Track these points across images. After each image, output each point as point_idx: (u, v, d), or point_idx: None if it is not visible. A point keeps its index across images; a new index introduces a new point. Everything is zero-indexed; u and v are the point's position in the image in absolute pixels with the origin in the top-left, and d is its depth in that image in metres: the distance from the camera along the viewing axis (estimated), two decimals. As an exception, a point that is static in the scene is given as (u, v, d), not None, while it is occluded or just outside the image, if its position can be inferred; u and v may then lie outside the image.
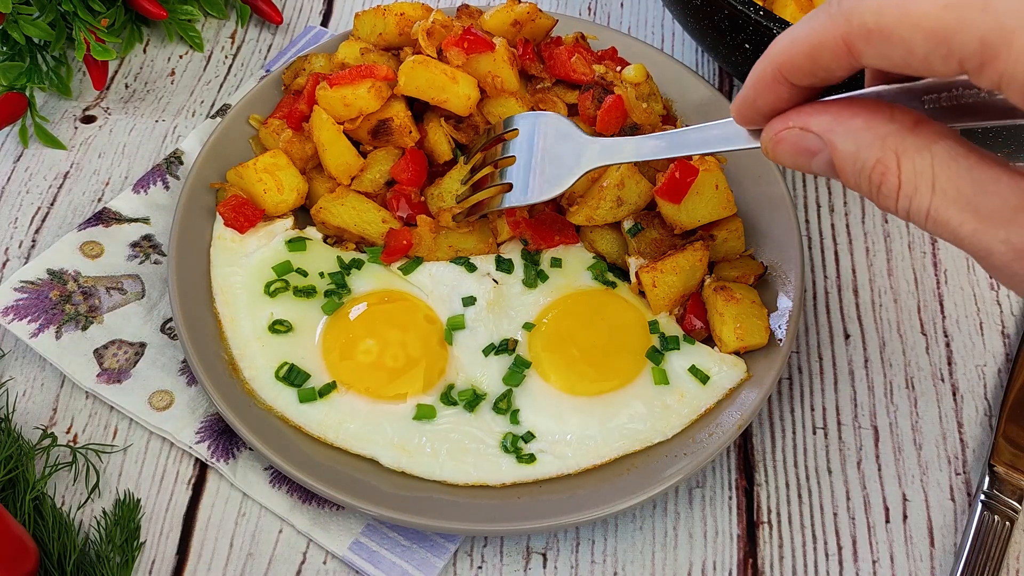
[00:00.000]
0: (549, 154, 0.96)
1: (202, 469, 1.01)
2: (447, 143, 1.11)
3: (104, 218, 1.14)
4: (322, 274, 1.07)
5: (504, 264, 1.08)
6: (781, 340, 1.01)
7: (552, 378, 1.01)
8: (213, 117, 1.27)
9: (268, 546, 0.96)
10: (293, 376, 1.00)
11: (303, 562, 0.95)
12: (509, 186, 1.00)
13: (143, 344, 1.06)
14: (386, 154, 1.12)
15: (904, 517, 0.99)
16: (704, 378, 1.01)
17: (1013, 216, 0.57)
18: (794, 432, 1.05)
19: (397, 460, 0.96)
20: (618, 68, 1.17)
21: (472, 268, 1.08)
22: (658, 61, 1.22)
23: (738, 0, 1.04)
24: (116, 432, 1.02)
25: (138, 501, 0.97)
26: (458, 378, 1.02)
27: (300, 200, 1.11)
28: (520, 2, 1.16)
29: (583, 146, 0.94)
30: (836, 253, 1.18)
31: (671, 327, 1.05)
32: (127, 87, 1.32)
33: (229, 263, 1.07)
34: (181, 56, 1.35)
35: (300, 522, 0.96)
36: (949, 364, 1.10)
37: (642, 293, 1.05)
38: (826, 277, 1.16)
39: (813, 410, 1.06)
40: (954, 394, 1.08)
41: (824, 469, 1.02)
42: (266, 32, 1.39)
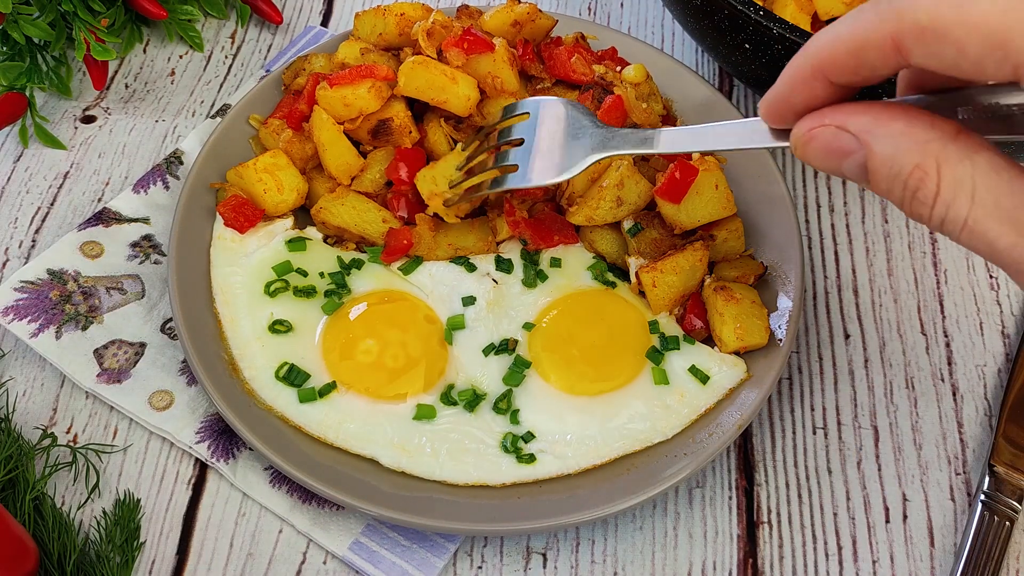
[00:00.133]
0: (558, 140, 0.93)
1: (202, 469, 1.01)
2: (447, 143, 1.11)
3: (104, 218, 1.14)
4: (322, 274, 1.07)
5: (504, 264, 1.08)
6: (781, 340, 1.01)
7: (552, 378, 1.01)
8: (213, 117, 1.27)
9: (268, 546, 0.96)
10: (293, 376, 1.00)
11: (303, 562, 0.95)
12: (513, 167, 0.95)
13: (143, 344, 1.06)
14: (386, 154, 1.12)
15: (904, 517, 0.99)
16: (704, 378, 1.01)
17: None
18: (794, 432, 1.05)
19: (397, 460, 0.96)
20: (618, 68, 1.17)
21: (472, 268, 1.08)
22: (658, 61, 1.22)
23: (738, 0, 1.04)
24: (116, 432, 1.02)
25: (138, 501, 0.97)
26: (458, 378, 1.02)
27: (300, 200, 1.11)
28: (520, 2, 1.16)
29: (595, 134, 0.91)
30: (836, 253, 1.18)
31: (671, 327, 1.05)
32: (127, 87, 1.32)
33: (229, 263, 1.07)
34: (181, 56, 1.35)
35: (300, 522, 0.96)
36: (949, 364, 1.10)
37: (642, 293, 1.05)
38: (826, 277, 1.16)
39: (813, 410, 1.06)
40: (954, 394, 1.08)
41: (824, 469, 1.02)
42: (266, 32, 1.39)
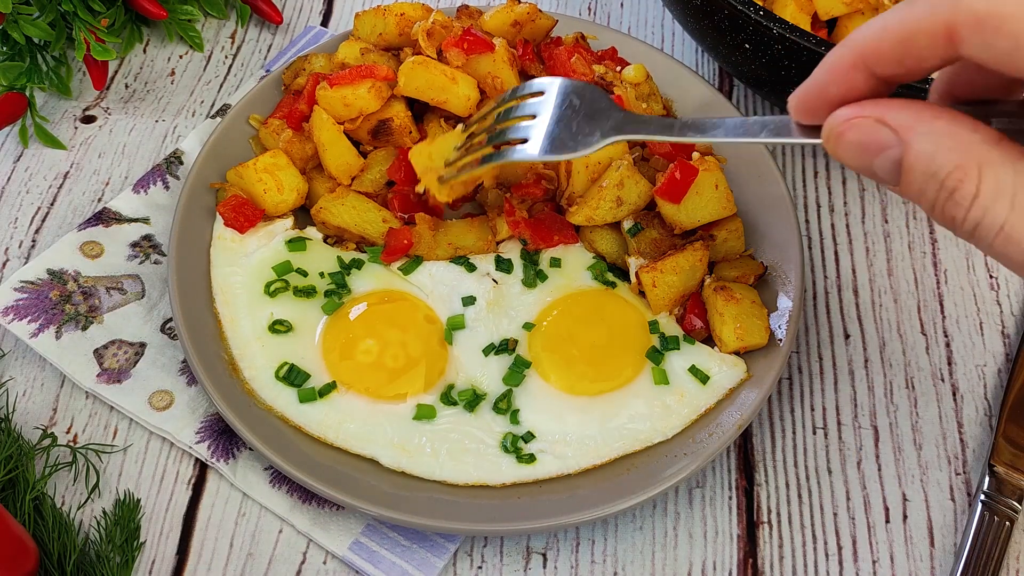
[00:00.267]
0: (573, 118, 0.88)
1: (202, 469, 1.01)
2: (447, 143, 1.11)
3: (104, 218, 1.14)
4: (322, 274, 1.07)
5: (504, 264, 1.08)
6: (781, 340, 1.01)
7: (552, 378, 1.01)
8: (213, 117, 1.27)
9: (268, 546, 0.96)
10: (293, 376, 1.00)
11: (303, 562, 0.95)
12: (520, 140, 0.89)
13: (143, 344, 1.06)
14: (386, 154, 1.12)
15: (904, 517, 0.99)
16: (704, 378, 1.01)
17: None
18: (794, 432, 1.05)
19: (397, 460, 0.96)
20: (618, 68, 1.18)
21: (472, 268, 1.08)
22: (658, 61, 1.22)
23: (738, 0, 1.04)
24: (116, 432, 1.02)
25: (138, 501, 0.97)
26: (458, 378, 1.02)
27: (300, 200, 1.11)
28: (520, 2, 1.16)
29: (613, 116, 0.86)
30: (836, 253, 1.18)
31: (671, 327, 1.05)
32: (127, 87, 1.32)
33: (229, 263, 1.07)
34: (181, 56, 1.35)
35: (300, 522, 0.96)
36: (949, 364, 1.10)
37: (642, 293, 1.05)
38: (826, 277, 1.16)
39: (813, 410, 1.06)
40: (954, 394, 1.08)
41: (824, 469, 1.02)
42: (266, 32, 1.39)
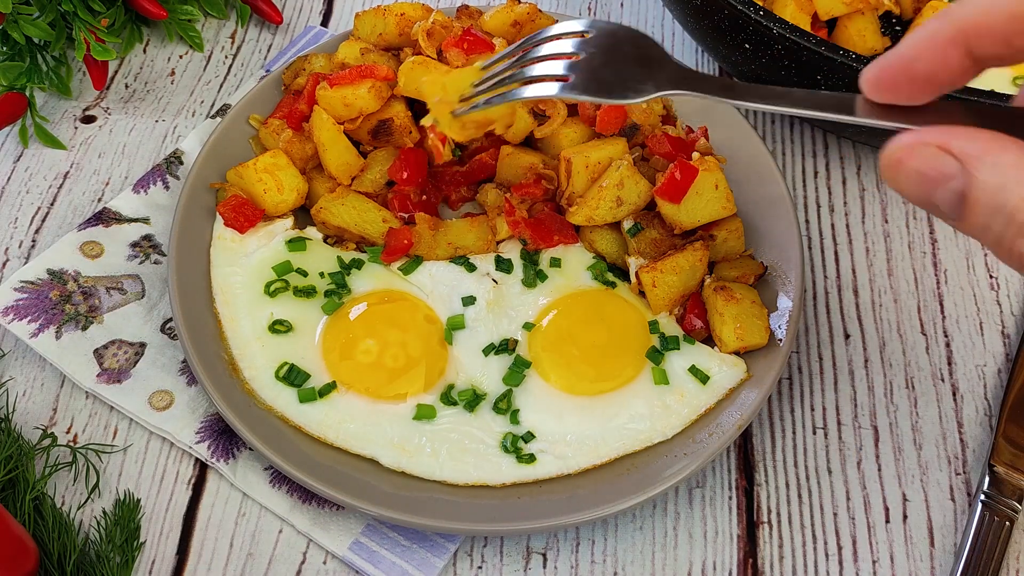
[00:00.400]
0: (622, 63, 0.77)
1: (202, 469, 1.01)
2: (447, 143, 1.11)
3: (104, 218, 1.14)
4: (322, 274, 1.07)
5: (503, 264, 1.08)
6: (781, 340, 1.01)
7: (552, 378, 1.01)
8: (213, 117, 1.27)
9: (268, 546, 0.96)
10: (293, 376, 1.00)
11: (303, 562, 0.95)
12: (563, 77, 0.77)
13: (143, 344, 1.06)
14: (386, 154, 1.12)
15: (904, 517, 0.99)
16: (704, 378, 1.01)
17: None
18: (794, 432, 1.05)
19: (397, 460, 0.96)
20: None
21: (472, 268, 1.08)
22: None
23: (738, 0, 1.04)
24: (116, 432, 1.02)
25: (138, 501, 0.97)
26: (458, 378, 1.02)
27: (300, 200, 1.11)
28: (520, 2, 1.16)
29: (668, 67, 0.76)
30: (836, 253, 1.18)
31: (671, 327, 1.05)
32: (127, 87, 1.32)
33: (229, 263, 1.07)
34: (181, 56, 1.35)
35: (300, 522, 0.96)
36: (949, 364, 1.10)
37: (642, 293, 1.05)
38: (826, 277, 1.16)
39: (813, 410, 1.06)
40: (954, 394, 1.08)
41: (824, 469, 1.02)
42: (266, 32, 1.39)
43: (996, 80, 1.24)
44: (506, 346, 1.03)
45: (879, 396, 1.07)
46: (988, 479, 0.98)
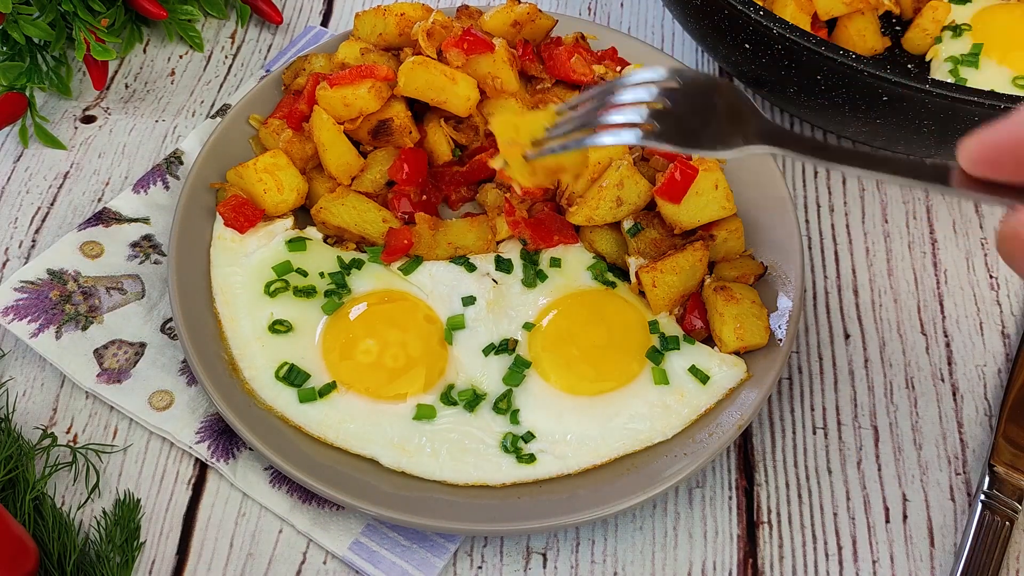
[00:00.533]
0: (711, 115, 0.74)
1: (202, 469, 1.01)
2: (447, 144, 1.11)
3: (104, 218, 1.14)
4: (322, 274, 1.07)
5: (503, 264, 1.08)
6: (781, 340, 1.01)
7: (552, 378, 1.01)
8: (213, 117, 1.27)
9: (268, 546, 0.96)
10: (293, 376, 1.00)
11: (303, 562, 0.95)
12: (648, 125, 0.75)
13: (143, 344, 1.06)
14: (386, 154, 1.12)
15: (904, 517, 0.99)
16: (704, 378, 1.01)
17: None
18: (794, 432, 1.05)
19: (397, 460, 0.96)
20: (618, 68, 1.17)
21: (472, 268, 1.08)
22: (658, 61, 1.22)
23: (738, 0, 1.05)
24: (116, 432, 1.02)
25: (138, 501, 0.97)
26: (458, 378, 1.02)
27: (300, 200, 1.11)
28: (520, 2, 1.16)
29: (757, 121, 0.74)
30: (836, 253, 1.18)
31: (671, 327, 1.05)
32: (127, 87, 1.32)
33: (229, 263, 1.07)
34: (181, 56, 1.35)
35: (300, 522, 0.96)
36: (949, 364, 1.10)
37: (642, 293, 1.05)
38: (826, 277, 1.16)
39: (813, 410, 1.06)
40: (954, 394, 1.08)
41: (824, 469, 1.02)
42: (266, 32, 1.39)
43: (996, 80, 1.24)
44: (506, 346, 1.03)
45: (879, 396, 1.07)
46: (988, 479, 0.98)
